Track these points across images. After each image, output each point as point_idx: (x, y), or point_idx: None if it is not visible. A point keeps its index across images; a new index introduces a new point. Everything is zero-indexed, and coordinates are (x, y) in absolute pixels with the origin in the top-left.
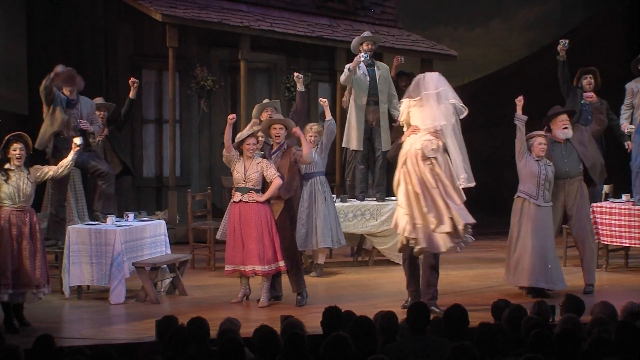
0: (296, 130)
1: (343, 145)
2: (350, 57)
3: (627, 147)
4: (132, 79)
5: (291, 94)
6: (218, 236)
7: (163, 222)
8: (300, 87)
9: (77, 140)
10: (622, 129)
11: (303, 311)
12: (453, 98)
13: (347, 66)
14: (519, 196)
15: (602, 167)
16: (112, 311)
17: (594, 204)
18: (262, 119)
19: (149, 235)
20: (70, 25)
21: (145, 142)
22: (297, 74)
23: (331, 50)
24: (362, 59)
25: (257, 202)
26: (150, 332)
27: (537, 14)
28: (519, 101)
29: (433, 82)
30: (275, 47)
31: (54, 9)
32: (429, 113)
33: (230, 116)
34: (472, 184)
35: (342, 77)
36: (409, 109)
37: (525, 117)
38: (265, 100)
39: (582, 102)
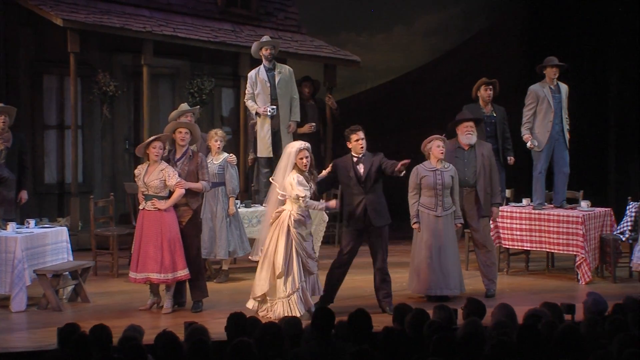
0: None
1: (259, 155)
2: (254, 62)
3: (509, 161)
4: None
5: (194, 99)
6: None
7: (65, 228)
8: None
9: None
10: (525, 140)
11: (207, 317)
12: None
13: (257, 110)
14: (419, 209)
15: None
16: (13, 319)
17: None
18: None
19: (51, 242)
20: None
21: (46, 148)
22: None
23: (235, 56)
24: (269, 113)
25: (158, 209)
26: (52, 340)
27: (439, 20)
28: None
29: None
30: (179, 52)
31: None
32: None
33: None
34: None
35: (248, 106)
36: None
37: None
38: (183, 105)
39: (483, 114)
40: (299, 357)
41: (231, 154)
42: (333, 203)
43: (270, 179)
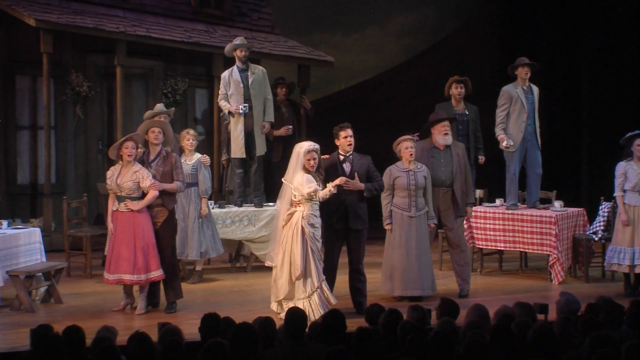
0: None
1: (233, 156)
2: (227, 63)
3: (480, 160)
4: None
5: (168, 99)
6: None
7: (38, 229)
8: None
9: None
10: (500, 140)
11: (181, 318)
12: None
13: (229, 109)
14: (392, 209)
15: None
16: None
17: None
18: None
19: (24, 243)
20: None
21: (19, 149)
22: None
23: (208, 56)
24: (241, 111)
25: (131, 210)
26: (24, 342)
27: (412, 20)
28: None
29: None
30: (152, 52)
31: None
32: None
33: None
34: None
35: (221, 106)
36: None
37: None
38: (159, 106)
39: (455, 112)
40: (272, 358)
41: (205, 155)
42: (337, 181)
43: (283, 180)
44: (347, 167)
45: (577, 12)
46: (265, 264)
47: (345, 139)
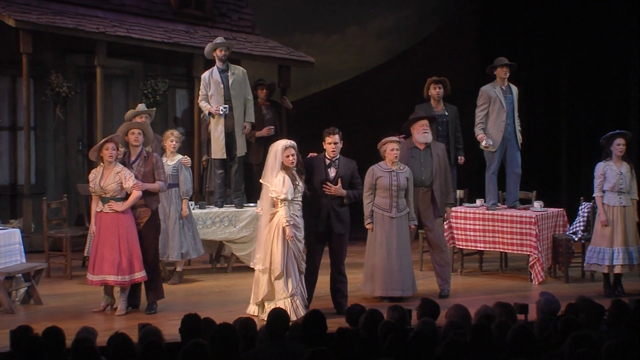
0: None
1: (213, 157)
2: (208, 63)
3: (459, 160)
4: None
5: (148, 100)
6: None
7: (18, 230)
8: None
9: None
10: (479, 140)
11: (161, 319)
12: None
13: (209, 109)
14: (373, 209)
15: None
16: None
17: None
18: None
19: (3, 244)
20: None
21: None
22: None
23: (189, 57)
24: (221, 112)
25: (115, 212)
26: (4, 343)
27: (393, 21)
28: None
29: None
30: (132, 53)
31: None
32: None
33: None
34: None
35: (201, 107)
36: None
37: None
38: (140, 106)
39: (435, 113)
40: (253, 359)
41: (185, 156)
42: (288, 232)
43: (260, 181)
44: (331, 172)
45: (556, 12)
46: (250, 265)
47: (329, 145)
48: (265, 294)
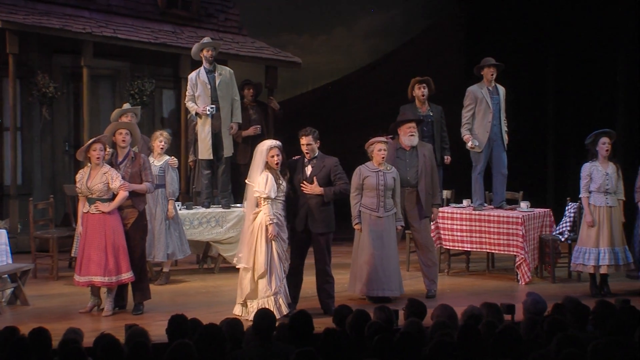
0: None
1: (200, 157)
2: (194, 64)
3: (446, 160)
4: None
5: (135, 100)
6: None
7: (4, 231)
8: None
9: None
10: (465, 141)
11: (148, 319)
12: None
13: (196, 110)
14: (360, 209)
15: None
16: None
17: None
18: None
19: None
20: None
21: None
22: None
23: (175, 57)
24: (208, 112)
25: (102, 212)
26: None
27: (380, 21)
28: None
29: None
30: (119, 53)
31: None
32: None
33: None
34: None
35: (188, 107)
36: None
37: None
38: (126, 105)
39: (420, 113)
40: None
41: (172, 157)
42: (271, 231)
43: (246, 181)
44: (308, 170)
45: (543, 13)
46: (235, 265)
47: (302, 146)
48: (248, 293)
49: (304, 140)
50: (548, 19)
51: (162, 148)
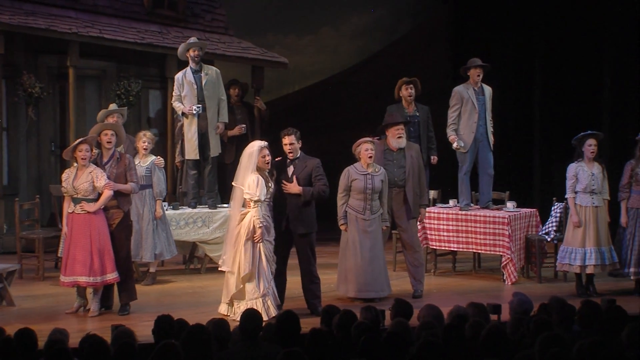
0: None
1: (186, 158)
2: (181, 64)
3: (432, 160)
4: None
5: (121, 101)
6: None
7: None
8: None
9: None
10: (451, 141)
11: (134, 320)
12: None
13: (182, 110)
14: (346, 210)
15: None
16: None
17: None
18: None
19: None
20: None
21: None
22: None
23: (162, 57)
24: (195, 112)
25: (87, 212)
26: None
27: (366, 21)
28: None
29: None
30: (105, 54)
31: None
32: None
33: None
34: None
35: (175, 107)
36: None
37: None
38: (112, 106)
39: (406, 114)
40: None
41: (159, 157)
42: (258, 234)
43: (233, 184)
44: (290, 170)
45: (530, 13)
46: (219, 268)
47: (285, 146)
48: (234, 293)
49: (286, 140)
50: (535, 19)
51: (145, 149)
